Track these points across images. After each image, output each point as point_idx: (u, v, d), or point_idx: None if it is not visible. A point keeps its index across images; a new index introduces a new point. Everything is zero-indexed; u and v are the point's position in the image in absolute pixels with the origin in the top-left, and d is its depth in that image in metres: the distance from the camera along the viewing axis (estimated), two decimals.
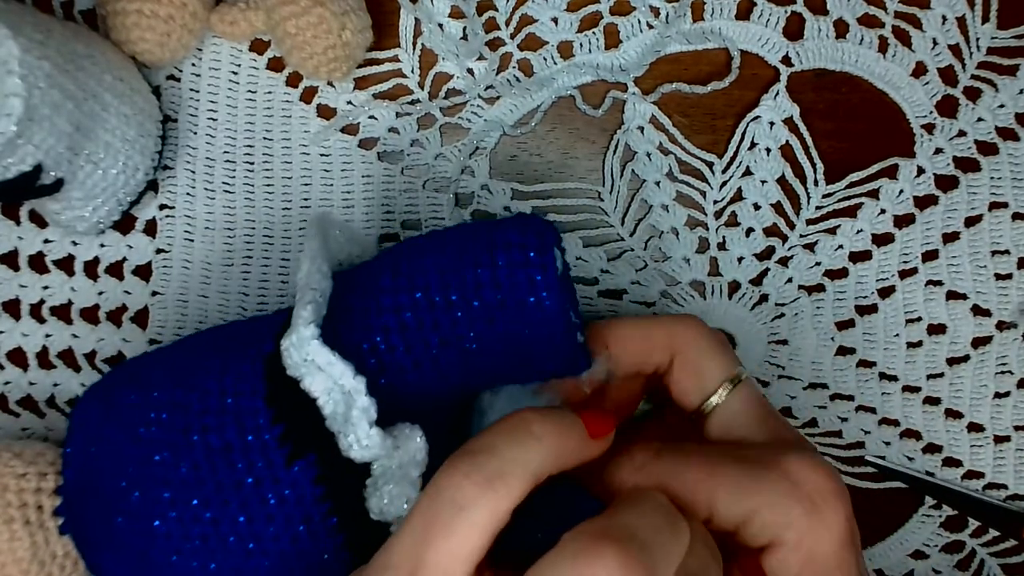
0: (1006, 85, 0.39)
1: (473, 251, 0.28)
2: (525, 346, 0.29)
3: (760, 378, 0.39)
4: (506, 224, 0.29)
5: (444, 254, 0.29)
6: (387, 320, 0.28)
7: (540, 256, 0.28)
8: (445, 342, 0.28)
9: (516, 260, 0.28)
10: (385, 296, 0.28)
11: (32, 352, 0.39)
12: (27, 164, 0.30)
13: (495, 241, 0.28)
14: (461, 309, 0.28)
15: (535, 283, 0.28)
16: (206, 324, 0.39)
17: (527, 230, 0.28)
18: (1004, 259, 0.39)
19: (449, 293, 0.28)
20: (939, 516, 0.40)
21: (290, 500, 0.27)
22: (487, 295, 0.28)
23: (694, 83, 0.38)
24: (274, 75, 0.38)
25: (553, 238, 0.28)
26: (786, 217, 0.39)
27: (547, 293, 0.28)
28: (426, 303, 0.28)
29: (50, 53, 0.30)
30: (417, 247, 0.30)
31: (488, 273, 0.28)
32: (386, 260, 0.30)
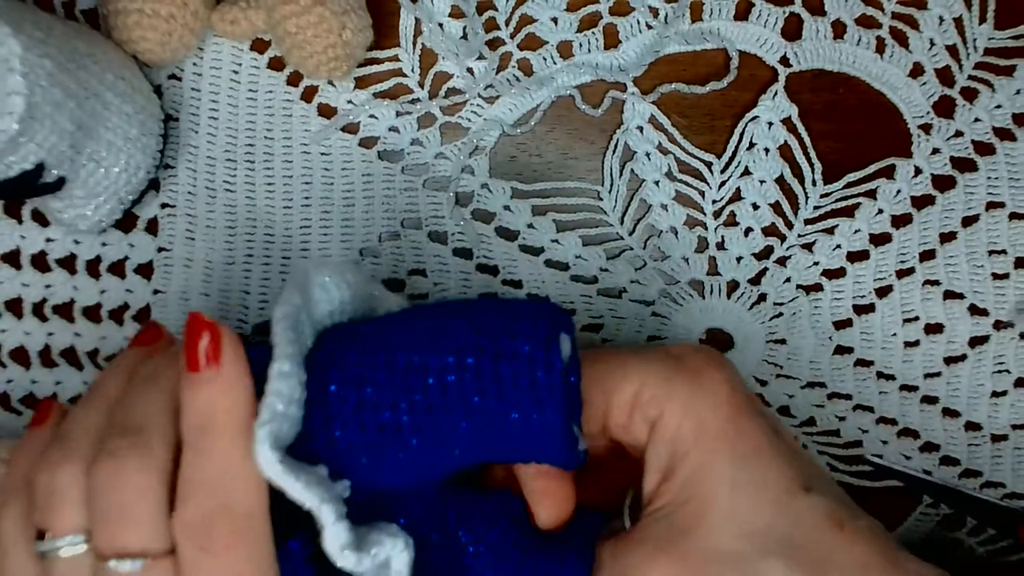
0: (1003, 85, 0.39)
1: (477, 355, 0.26)
2: (521, 449, 0.27)
3: (758, 377, 0.40)
4: (517, 323, 0.27)
5: (446, 353, 0.26)
6: (383, 419, 0.26)
7: (548, 375, 0.25)
8: (441, 444, 0.26)
9: (521, 376, 0.25)
10: (383, 392, 0.26)
11: (34, 351, 0.39)
12: (29, 162, 0.31)
13: (502, 348, 0.26)
14: (463, 418, 0.26)
15: (541, 402, 0.25)
16: None
17: (536, 337, 0.26)
18: (1001, 259, 0.39)
19: (449, 398, 0.26)
20: (937, 515, 0.40)
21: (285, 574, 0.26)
22: (491, 406, 0.26)
23: (693, 83, 0.39)
24: (275, 74, 0.39)
25: (559, 346, 0.26)
26: (784, 217, 0.39)
27: (552, 414, 0.26)
28: (424, 406, 0.26)
29: (52, 51, 0.30)
30: (417, 335, 0.27)
31: (491, 384, 0.26)
32: (383, 345, 0.27)
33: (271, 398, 0.24)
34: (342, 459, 0.26)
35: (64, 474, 0.25)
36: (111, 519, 0.24)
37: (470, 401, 0.26)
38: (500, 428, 0.26)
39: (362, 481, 0.26)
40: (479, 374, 0.26)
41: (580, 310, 0.39)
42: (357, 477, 0.26)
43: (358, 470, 0.26)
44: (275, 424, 0.24)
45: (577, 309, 0.39)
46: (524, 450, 0.27)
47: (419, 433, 0.26)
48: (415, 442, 0.26)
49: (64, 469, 0.25)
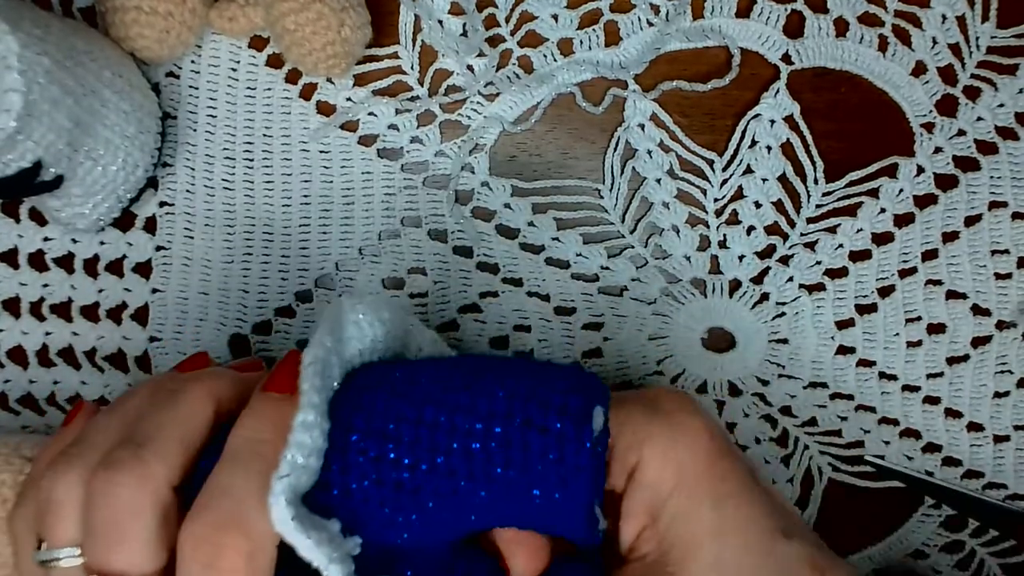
0: (1006, 84, 0.39)
1: (505, 422, 0.25)
2: (540, 522, 0.26)
3: (760, 377, 0.39)
4: (549, 393, 0.26)
5: (475, 418, 0.25)
6: (402, 478, 0.25)
7: (576, 455, 0.24)
8: (459, 509, 0.26)
9: (549, 452, 0.25)
10: (404, 449, 0.25)
11: (32, 350, 0.39)
12: (27, 160, 0.30)
13: (531, 419, 0.25)
14: (484, 487, 0.25)
15: (566, 482, 0.25)
16: (207, 321, 0.39)
17: (567, 413, 0.25)
18: (1004, 258, 0.39)
19: (474, 465, 0.25)
20: (939, 516, 0.40)
21: None
22: (512, 477, 0.25)
23: (694, 81, 0.38)
24: (273, 71, 0.38)
25: (591, 425, 0.25)
26: (787, 215, 0.39)
27: (576, 496, 0.25)
28: (447, 470, 0.25)
29: (49, 49, 0.30)
30: (446, 393, 0.26)
31: (517, 456, 0.25)
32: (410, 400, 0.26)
33: (292, 450, 0.23)
34: (356, 512, 0.25)
35: (65, 482, 0.25)
36: (99, 535, 0.24)
37: (493, 472, 0.25)
38: (521, 502, 0.25)
39: (374, 536, 0.25)
40: (506, 444, 0.25)
41: (581, 308, 0.39)
42: (369, 531, 0.25)
43: (371, 525, 0.25)
44: (293, 477, 0.23)
45: (578, 308, 0.39)
46: (542, 523, 0.26)
47: (437, 496, 0.25)
48: (431, 504, 0.25)
49: (66, 478, 0.25)
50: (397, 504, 0.25)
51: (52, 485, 0.25)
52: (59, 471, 0.25)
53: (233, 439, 0.25)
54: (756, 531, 0.26)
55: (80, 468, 0.25)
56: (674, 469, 0.26)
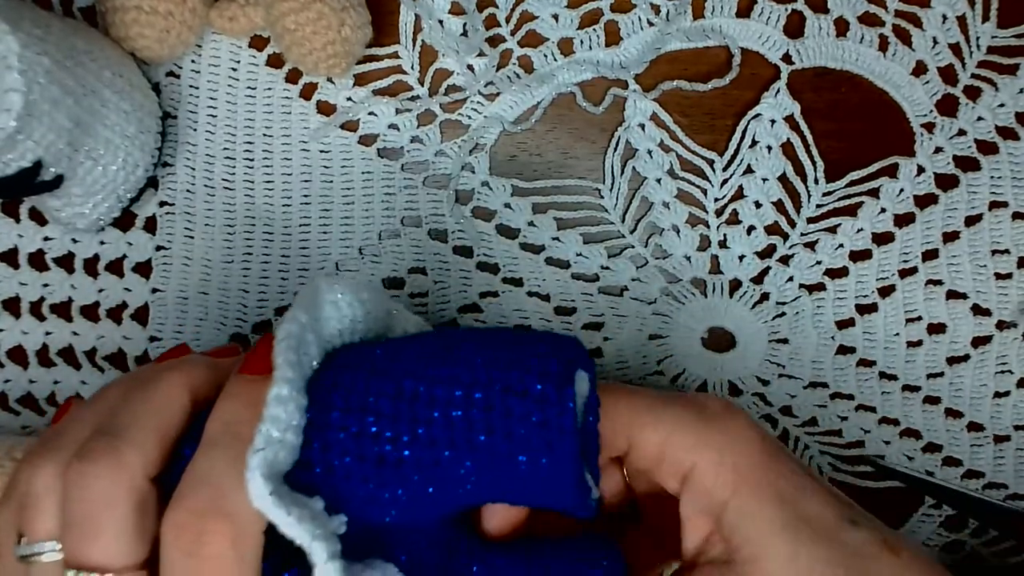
0: (1006, 84, 0.39)
1: (485, 388, 0.25)
2: (529, 493, 0.26)
3: (760, 377, 0.39)
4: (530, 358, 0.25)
5: (455, 385, 0.25)
6: (384, 451, 0.25)
7: (560, 416, 0.24)
8: (443, 481, 0.25)
9: (532, 415, 0.24)
10: (385, 422, 0.25)
11: (32, 350, 0.39)
12: (27, 160, 0.30)
13: (510, 384, 0.24)
14: (468, 457, 0.24)
15: (551, 445, 0.24)
16: (207, 321, 0.39)
17: (548, 376, 0.25)
18: (1004, 258, 0.39)
19: (454, 435, 0.24)
20: (939, 516, 0.40)
21: None
22: (495, 443, 0.24)
23: (695, 81, 0.38)
24: (273, 71, 0.38)
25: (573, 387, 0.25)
26: (787, 215, 0.39)
27: (562, 460, 0.24)
28: (427, 439, 0.24)
29: (49, 49, 0.30)
30: (425, 364, 0.26)
31: (499, 422, 0.24)
32: (390, 372, 0.26)
33: (266, 424, 0.23)
34: (340, 490, 0.24)
35: (42, 475, 0.24)
36: (75, 528, 0.23)
37: (476, 439, 0.24)
38: (507, 470, 0.25)
39: (360, 514, 0.25)
40: (487, 411, 0.24)
41: (581, 308, 0.39)
42: (354, 509, 0.25)
43: (355, 502, 0.25)
44: (269, 451, 0.23)
45: (578, 307, 0.39)
46: (532, 494, 0.26)
47: (420, 469, 0.25)
48: (416, 478, 0.25)
49: (43, 470, 0.24)
50: (381, 479, 0.25)
51: (30, 479, 0.25)
52: (36, 464, 0.25)
53: (211, 424, 0.24)
54: (824, 522, 0.26)
55: (57, 460, 0.24)
56: (731, 472, 0.26)
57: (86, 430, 0.25)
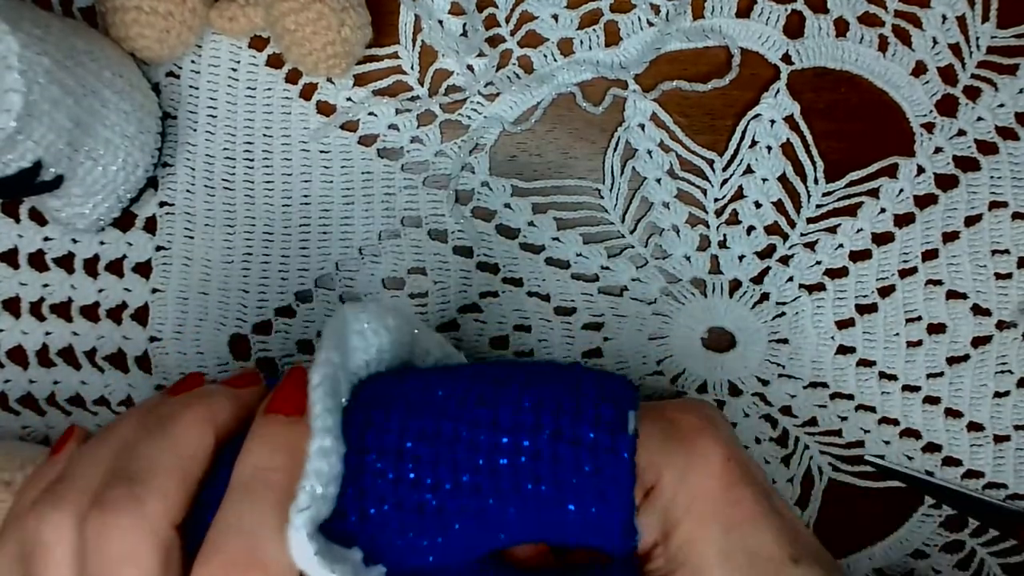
0: (1006, 84, 0.39)
1: (533, 434, 0.23)
2: (573, 536, 0.25)
3: (760, 377, 0.39)
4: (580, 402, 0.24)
5: (500, 432, 0.23)
6: (423, 499, 0.23)
7: (614, 466, 0.23)
8: (485, 527, 0.24)
9: (584, 464, 0.23)
10: (424, 469, 0.23)
11: (32, 350, 0.39)
12: (27, 160, 0.30)
13: (561, 431, 0.23)
14: (512, 504, 0.23)
15: (604, 495, 0.23)
16: (207, 321, 0.39)
17: (601, 422, 0.23)
18: (1004, 258, 0.39)
19: (500, 483, 0.23)
20: (939, 516, 0.40)
21: None
22: (544, 491, 0.23)
23: (694, 81, 0.38)
24: (273, 71, 0.38)
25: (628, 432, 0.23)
26: (787, 215, 0.39)
27: (615, 509, 0.23)
28: (471, 487, 0.23)
29: (49, 49, 0.30)
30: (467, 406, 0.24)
31: (548, 470, 0.23)
32: (428, 413, 0.24)
33: (311, 480, 0.22)
34: (376, 538, 0.23)
35: (52, 526, 0.23)
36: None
37: (523, 487, 0.23)
38: (553, 516, 0.23)
39: (396, 562, 0.24)
40: (535, 459, 0.23)
41: (581, 308, 0.39)
42: (391, 557, 0.23)
43: (393, 550, 0.24)
44: (313, 509, 0.21)
45: (578, 307, 0.39)
46: (575, 537, 0.25)
47: (462, 517, 0.23)
48: (457, 526, 0.23)
49: (52, 520, 0.23)
50: (420, 528, 0.23)
51: (38, 526, 0.23)
52: (45, 511, 0.23)
53: (240, 468, 0.23)
54: (764, 557, 0.25)
55: (68, 507, 0.23)
56: (687, 493, 0.26)
57: (99, 473, 0.24)
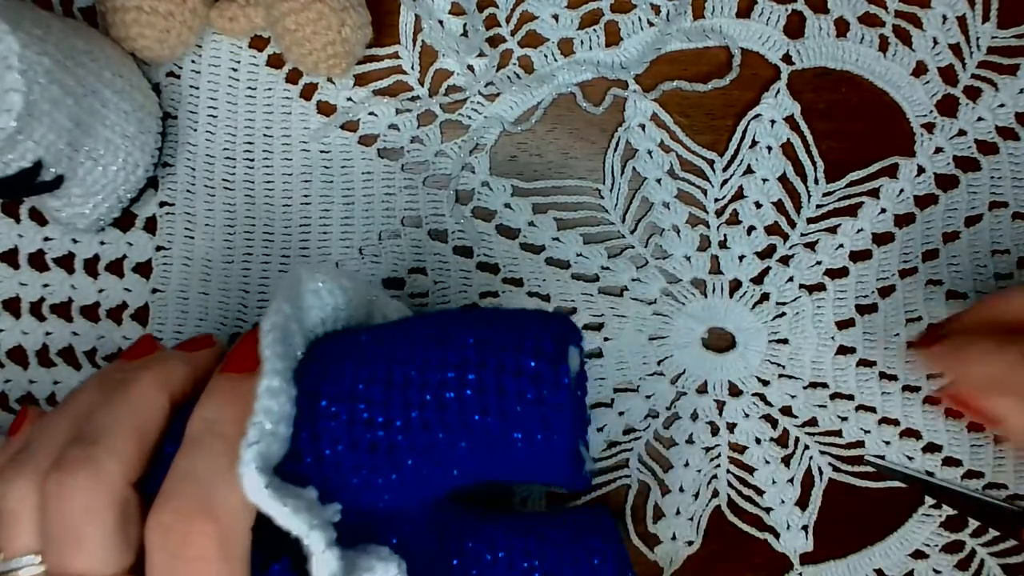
0: (1006, 84, 0.39)
1: (479, 369, 0.25)
2: (524, 470, 0.26)
3: (760, 377, 0.39)
4: (521, 337, 0.25)
5: (446, 368, 0.25)
6: (376, 438, 0.24)
7: (555, 393, 0.24)
8: (439, 465, 0.25)
9: (527, 394, 0.24)
10: (376, 409, 0.25)
11: (32, 350, 0.39)
12: (27, 160, 0.30)
13: (505, 364, 0.25)
14: (463, 438, 0.25)
15: (547, 421, 0.24)
16: (207, 321, 0.39)
17: (542, 353, 0.25)
18: (1004, 259, 0.39)
19: (448, 416, 0.24)
20: (939, 516, 0.40)
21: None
22: (492, 423, 0.24)
23: (695, 81, 0.38)
24: (274, 71, 0.38)
25: (567, 363, 0.25)
26: (787, 215, 0.39)
27: (558, 435, 0.24)
28: (421, 424, 0.24)
29: (49, 49, 0.30)
30: (414, 348, 0.26)
31: (495, 401, 0.24)
32: (378, 357, 0.26)
33: (259, 417, 0.23)
34: (331, 478, 0.24)
35: (15, 490, 0.24)
36: (58, 540, 0.23)
37: (470, 420, 0.24)
38: (502, 448, 0.25)
39: (352, 501, 0.24)
40: (481, 391, 0.24)
41: (581, 309, 0.39)
42: (347, 497, 0.24)
43: (348, 490, 0.24)
44: (263, 444, 0.22)
45: (578, 308, 0.39)
46: (526, 470, 0.26)
47: (414, 453, 0.24)
48: (410, 462, 0.25)
49: (16, 485, 0.24)
50: (373, 466, 0.24)
51: (3, 494, 0.24)
52: (8, 478, 0.24)
53: (193, 423, 0.24)
54: None
55: (31, 473, 0.24)
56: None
57: (59, 438, 0.24)
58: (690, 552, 0.39)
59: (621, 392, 0.39)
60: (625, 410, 0.39)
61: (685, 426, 0.39)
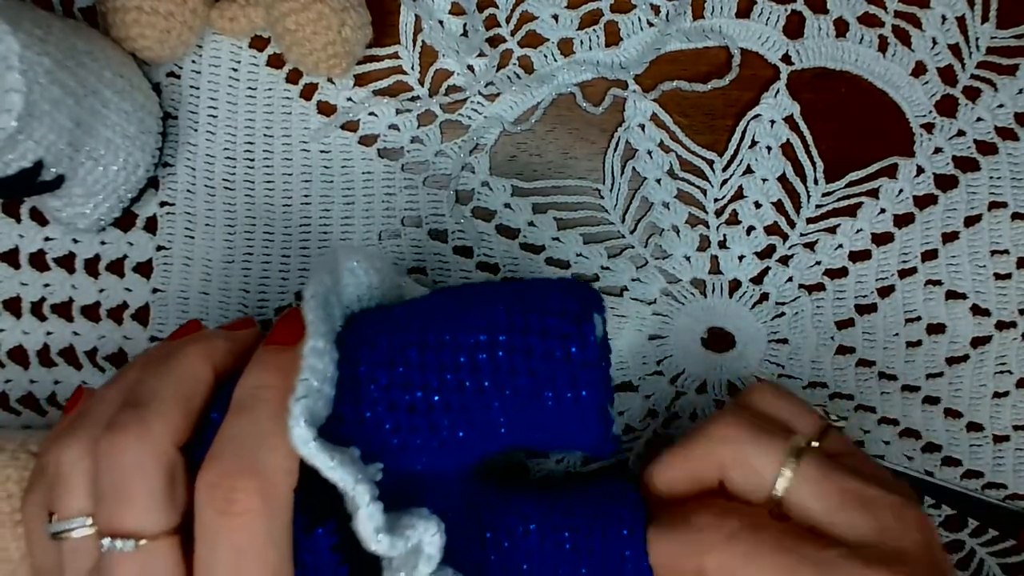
0: (1005, 85, 0.39)
1: (508, 332, 0.26)
2: (556, 431, 0.27)
3: (760, 377, 0.39)
4: (547, 300, 0.26)
5: (477, 331, 0.26)
6: (414, 399, 0.26)
7: (581, 351, 0.25)
8: (473, 426, 0.26)
9: (555, 353, 0.25)
10: (413, 372, 0.26)
11: (33, 350, 0.39)
12: (28, 160, 0.30)
13: (531, 326, 0.26)
14: (495, 398, 0.26)
15: (575, 381, 0.25)
16: (207, 321, 0.39)
17: (567, 314, 0.26)
18: (1003, 259, 0.39)
19: (481, 378, 0.26)
20: (938, 515, 0.40)
21: (308, 564, 0.25)
22: (522, 384, 0.26)
23: (694, 81, 0.38)
24: (274, 72, 0.38)
25: (593, 321, 0.26)
26: (787, 216, 0.39)
27: (587, 392, 0.26)
28: (456, 385, 0.26)
29: (50, 49, 0.30)
30: (447, 315, 0.27)
31: (524, 362, 0.25)
32: (414, 325, 0.27)
33: (306, 374, 0.24)
34: (372, 440, 0.25)
35: (70, 453, 0.25)
36: (107, 498, 0.24)
37: (503, 380, 0.26)
38: (533, 407, 0.26)
39: (392, 463, 0.26)
40: (511, 351, 0.26)
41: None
42: (387, 459, 0.25)
43: (388, 452, 0.26)
44: (310, 400, 0.24)
45: None
46: (558, 432, 0.27)
47: (450, 413, 0.26)
48: (446, 422, 0.26)
49: (70, 448, 0.25)
50: (412, 426, 0.26)
51: (58, 459, 0.25)
52: (63, 444, 0.25)
53: (239, 391, 0.25)
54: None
55: (84, 438, 0.25)
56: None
57: (111, 408, 0.26)
58: None
59: (621, 392, 0.39)
60: (625, 410, 0.39)
61: (685, 426, 0.39)
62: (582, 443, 0.27)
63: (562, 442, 0.28)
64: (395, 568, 0.24)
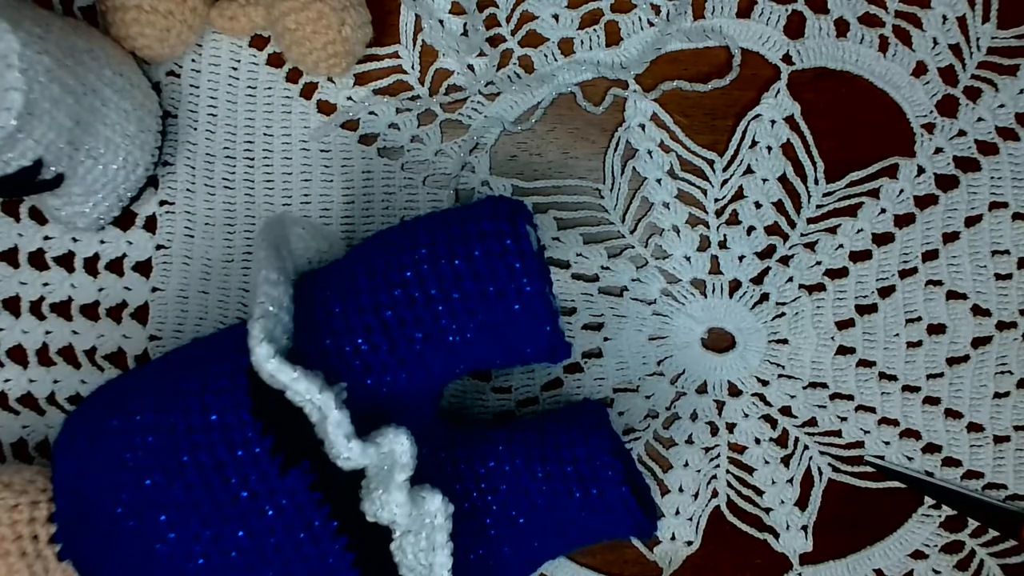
0: (1006, 85, 0.39)
1: (447, 243, 0.28)
2: (506, 332, 0.29)
3: (760, 377, 0.39)
4: (478, 211, 0.29)
5: (418, 248, 0.28)
6: (368, 320, 0.28)
7: (516, 243, 0.28)
8: (428, 336, 0.28)
9: (493, 249, 0.28)
10: (363, 296, 0.28)
11: (32, 349, 0.39)
12: (27, 159, 0.30)
13: (468, 232, 0.28)
14: (441, 303, 0.28)
15: (514, 271, 0.28)
16: (206, 320, 0.39)
17: (499, 216, 0.28)
18: (1004, 259, 0.39)
19: (428, 287, 0.28)
20: (938, 516, 0.40)
21: (288, 509, 0.26)
22: (467, 286, 0.28)
23: (695, 81, 0.38)
24: (274, 71, 0.38)
25: (525, 221, 0.29)
26: (787, 216, 0.39)
27: (527, 280, 0.28)
28: (405, 299, 0.28)
29: (50, 48, 0.30)
30: (389, 242, 0.30)
31: (465, 265, 0.28)
32: (359, 258, 0.30)
33: (260, 299, 0.25)
34: (336, 367, 0.27)
35: None
36: None
37: (447, 285, 0.28)
38: (481, 309, 0.28)
39: (359, 389, 0.27)
40: (452, 258, 0.28)
41: (581, 308, 0.39)
42: (353, 383, 0.27)
43: (352, 375, 0.27)
44: (268, 320, 0.25)
45: (578, 307, 0.39)
46: (509, 336, 0.29)
47: (405, 327, 0.28)
48: (401, 337, 0.28)
49: None
50: (371, 346, 0.28)
51: None
52: None
53: None
54: None
55: None
56: None
57: None
58: (689, 552, 0.39)
59: (621, 392, 0.39)
60: (625, 410, 0.39)
61: (685, 426, 0.39)
62: (534, 344, 0.29)
63: (515, 346, 0.29)
64: (372, 488, 0.25)
